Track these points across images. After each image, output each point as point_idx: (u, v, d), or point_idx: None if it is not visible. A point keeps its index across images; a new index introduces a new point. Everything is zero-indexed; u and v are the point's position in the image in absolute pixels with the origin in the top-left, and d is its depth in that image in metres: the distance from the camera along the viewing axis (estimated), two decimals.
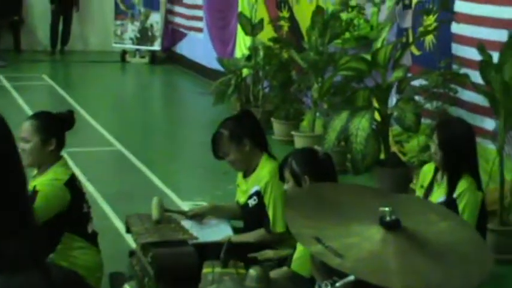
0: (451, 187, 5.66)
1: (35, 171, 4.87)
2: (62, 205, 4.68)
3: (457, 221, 3.14)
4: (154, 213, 5.28)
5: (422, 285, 2.79)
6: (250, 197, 5.43)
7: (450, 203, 5.56)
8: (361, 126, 7.60)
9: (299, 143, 8.75)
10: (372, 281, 2.68)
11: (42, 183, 4.56)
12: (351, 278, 2.78)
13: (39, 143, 4.83)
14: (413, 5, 8.35)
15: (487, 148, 7.10)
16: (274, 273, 4.77)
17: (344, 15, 8.83)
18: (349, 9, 8.95)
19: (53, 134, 4.93)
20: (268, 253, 5.15)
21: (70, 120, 5.07)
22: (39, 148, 4.83)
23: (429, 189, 5.80)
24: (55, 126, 4.97)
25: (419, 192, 5.87)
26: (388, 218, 2.74)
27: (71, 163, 5.77)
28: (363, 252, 2.73)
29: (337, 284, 2.82)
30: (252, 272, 4.44)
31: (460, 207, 5.62)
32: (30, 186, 4.51)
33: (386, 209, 2.74)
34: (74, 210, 4.67)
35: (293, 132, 9.13)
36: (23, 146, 4.67)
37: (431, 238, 2.89)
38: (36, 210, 4.23)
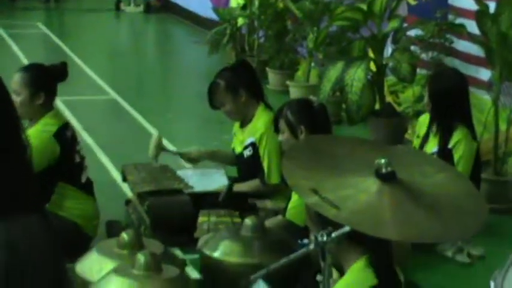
0: (444, 137, 5.74)
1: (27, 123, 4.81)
2: (51, 157, 4.72)
3: (452, 173, 3.15)
4: (152, 151, 5.41)
5: (418, 235, 2.86)
6: (245, 148, 5.48)
7: (444, 153, 5.68)
8: (356, 76, 7.59)
9: (294, 93, 8.77)
10: (367, 231, 2.72)
11: (32, 135, 4.29)
12: (347, 228, 2.79)
13: (28, 96, 4.88)
14: None
15: (482, 98, 7.15)
16: (269, 222, 4.76)
17: None
18: None
19: (42, 88, 4.98)
20: (267, 203, 5.15)
21: (62, 72, 5.10)
22: (28, 101, 4.87)
23: (425, 140, 5.83)
24: (45, 79, 5.01)
25: (416, 143, 5.93)
26: (383, 170, 2.75)
27: (66, 112, 5.73)
28: (359, 203, 2.76)
29: (333, 235, 2.83)
30: (248, 221, 4.50)
31: (456, 157, 5.69)
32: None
33: (382, 160, 2.75)
34: (65, 161, 4.71)
35: (288, 82, 9.14)
36: (15, 99, 4.49)
37: (426, 190, 2.90)
38: None
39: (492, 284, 3.21)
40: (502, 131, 6.82)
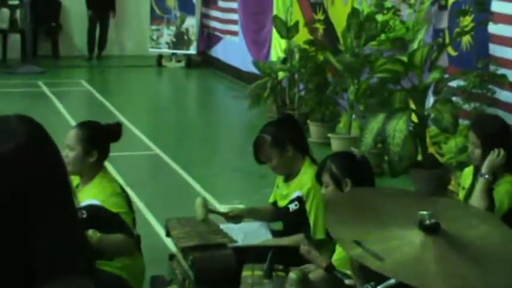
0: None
1: (77, 182, 4.96)
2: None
3: (497, 224, 3.12)
4: (199, 213, 5.33)
5: (463, 287, 2.82)
6: (291, 202, 5.43)
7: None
8: (398, 127, 7.58)
9: (335, 145, 8.77)
10: (412, 283, 2.75)
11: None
12: (392, 281, 2.90)
13: (82, 152, 4.88)
14: (449, 6, 8.33)
15: None
16: (313, 276, 4.75)
17: (379, 17, 8.87)
18: (385, 11, 8.90)
19: (96, 146, 4.98)
20: (309, 267, 5.08)
21: (116, 133, 5.15)
22: (81, 158, 4.89)
23: (470, 191, 5.70)
24: (99, 138, 5.03)
25: (461, 195, 5.83)
26: (427, 222, 2.76)
27: (109, 167, 5.82)
28: (403, 255, 2.77)
29: (379, 287, 2.96)
30: (292, 275, 4.52)
31: (497, 198, 5.64)
32: (79, 198, 4.85)
33: (425, 212, 2.76)
34: (127, 217, 4.80)
35: (329, 135, 9.17)
36: (67, 153, 4.73)
37: (471, 241, 2.91)
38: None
39: None
40: None
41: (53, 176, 2.17)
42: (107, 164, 5.76)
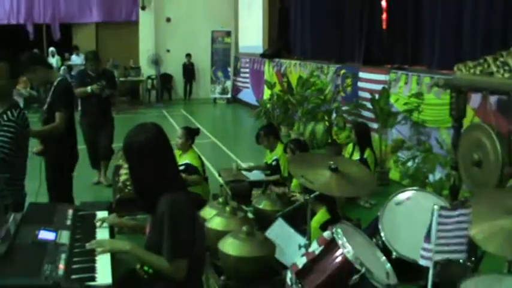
0: (362, 153, 7.61)
1: (179, 153, 6.61)
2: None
3: (362, 167, 4.08)
4: (234, 168, 7.05)
5: (347, 192, 3.77)
6: (273, 161, 7.18)
7: (361, 160, 7.49)
8: (319, 128, 9.71)
9: (292, 136, 10.89)
10: (326, 192, 3.44)
11: (191, 160, 6.40)
12: (316, 193, 3.55)
13: (185, 140, 6.61)
14: (341, 74, 10.68)
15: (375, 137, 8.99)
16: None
17: (312, 79, 11.54)
18: (312, 77, 11.51)
19: (190, 137, 6.67)
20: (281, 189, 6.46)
21: (198, 131, 6.84)
22: (185, 142, 6.61)
23: (350, 156, 7.74)
24: (192, 133, 6.73)
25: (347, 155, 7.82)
26: (332, 166, 3.48)
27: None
28: (322, 180, 3.42)
29: (311, 195, 3.63)
30: (275, 189, 5.93)
31: (369, 162, 7.47)
32: (180, 160, 6.46)
33: (331, 162, 3.51)
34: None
35: (290, 132, 11.72)
36: (178, 140, 6.51)
37: (350, 173, 3.53)
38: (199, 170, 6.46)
39: (378, 213, 3.53)
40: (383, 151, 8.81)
41: (168, 148, 3.12)
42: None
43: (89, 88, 8.16)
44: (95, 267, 2.91)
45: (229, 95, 19.97)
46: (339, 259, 2.82)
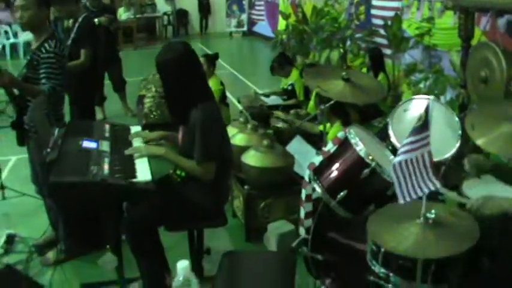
0: (375, 77, 7.32)
1: None
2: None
3: (373, 78, 4.47)
4: (252, 94, 7.59)
5: (354, 99, 3.92)
6: (289, 85, 7.43)
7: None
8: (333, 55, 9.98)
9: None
10: (341, 99, 3.67)
11: (214, 85, 6.57)
12: (332, 101, 3.74)
13: (206, 66, 6.70)
14: (354, 3, 10.63)
15: (388, 62, 9.05)
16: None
17: (326, 8, 11.65)
18: (327, 5, 11.59)
19: (211, 63, 6.90)
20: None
21: (217, 56, 7.00)
22: (207, 69, 6.68)
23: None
24: (212, 59, 6.98)
25: None
26: (345, 77, 3.85)
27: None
28: (336, 88, 3.74)
29: (326, 105, 3.85)
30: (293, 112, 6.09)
31: None
32: None
33: (344, 73, 4.11)
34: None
35: (306, 60, 11.46)
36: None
37: (364, 84, 3.80)
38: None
39: (388, 119, 3.67)
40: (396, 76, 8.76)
41: (197, 62, 3.41)
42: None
43: (96, 20, 8.04)
44: (135, 168, 3.23)
45: (244, 28, 20.27)
46: (352, 156, 3.06)
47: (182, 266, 1.93)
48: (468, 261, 2.66)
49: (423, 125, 2.24)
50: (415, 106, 3.59)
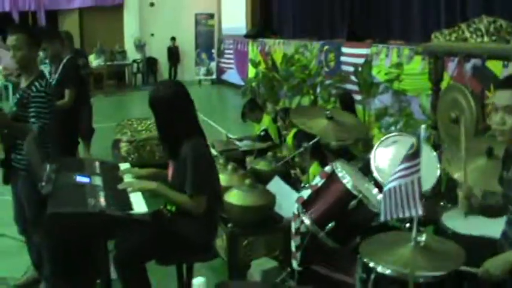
0: None
1: None
2: None
3: (354, 117, 4.84)
4: (224, 139, 7.78)
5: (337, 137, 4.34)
6: (262, 131, 7.52)
7: None
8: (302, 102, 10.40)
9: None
10: (324, 137, 4.21)
11: None
12: (316, 139, 4.43)
13: None
14: (324, 50, 11.21)
15: (359, 108, 9.21)
16: None
17: (296, 56, 11.86)
18: (298, 53, 11.90)
19: None
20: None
21: None
22: None
23: None
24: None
25: None
26: (329, 115, 4.43)
27: None
28: (320, 126, 4.26)
29: (309, 143, 4.54)
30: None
31: None
32: None
33: (328, 112, 4.49)
34: None
35: (276, 107, 11.55)
36: None
37: (346, 123, 4.52)
38: None
39: (369, 156, 3.99)
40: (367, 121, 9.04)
41: (189, 99, 3.58)
42: None
43: None
44: (130, 201, 3.31)
45: (213, 76, 20.50)
46: (339, 188, 3.25)
47: (198, 282, 1.96)
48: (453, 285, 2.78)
49: (415, 152, 2.38)
50: (394, 143, 3.84)
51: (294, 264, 3.46)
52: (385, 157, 3.77)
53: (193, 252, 3.60)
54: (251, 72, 15.63)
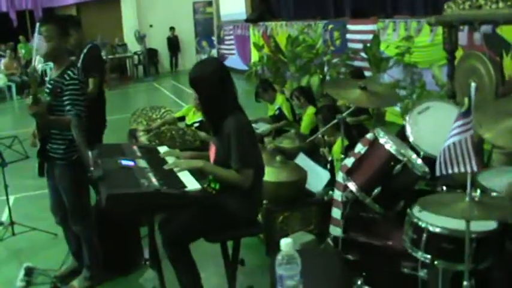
0: None
1: (194, 110, 6.97)
2: None
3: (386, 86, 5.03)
4: None
5: (371, 104, 4.48)
6: (276, 110, 7.53)
7: None
8: (313, 80, 9.92)
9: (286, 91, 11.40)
10: (359, 104, 4.50)
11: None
12: (352, 108, 4.72)
13: None
14: (328, 29, 11.04)
15: None
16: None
17: (301, 36, 11.81)
18: (302, 34, 11.79)
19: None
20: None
21: None
22: None
23: None
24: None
25: None
26: (362, 85, 4.55)
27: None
28: (354, 95, 4.85)
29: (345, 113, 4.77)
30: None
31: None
32: (196, 117, 6.79)
33: (361, 83, 4.58)
34: None
35: (283, 88, 11.78)
36: (195, 100, 5.75)
37: (378, 92, 4.57)
38: None
39: (403, 122, 3.93)
40: None
41: (229, 76, 3.63)
42: None
43: None
44: (180, 180, 3.34)
45: None
46: (383, 153, 3.31)
47: (285, 242, 2.06)
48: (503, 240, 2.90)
49: (467, 110, 2.50)
50: (426, 109, 3.86)
51: (339, 231, 3.47)
52: (420, 123, 3.77)
53: (241, 228, 3.66)
54: (254, 56, 15.58)
